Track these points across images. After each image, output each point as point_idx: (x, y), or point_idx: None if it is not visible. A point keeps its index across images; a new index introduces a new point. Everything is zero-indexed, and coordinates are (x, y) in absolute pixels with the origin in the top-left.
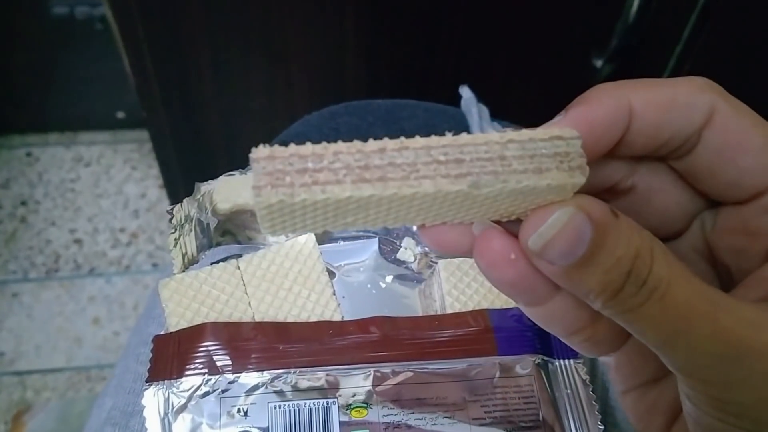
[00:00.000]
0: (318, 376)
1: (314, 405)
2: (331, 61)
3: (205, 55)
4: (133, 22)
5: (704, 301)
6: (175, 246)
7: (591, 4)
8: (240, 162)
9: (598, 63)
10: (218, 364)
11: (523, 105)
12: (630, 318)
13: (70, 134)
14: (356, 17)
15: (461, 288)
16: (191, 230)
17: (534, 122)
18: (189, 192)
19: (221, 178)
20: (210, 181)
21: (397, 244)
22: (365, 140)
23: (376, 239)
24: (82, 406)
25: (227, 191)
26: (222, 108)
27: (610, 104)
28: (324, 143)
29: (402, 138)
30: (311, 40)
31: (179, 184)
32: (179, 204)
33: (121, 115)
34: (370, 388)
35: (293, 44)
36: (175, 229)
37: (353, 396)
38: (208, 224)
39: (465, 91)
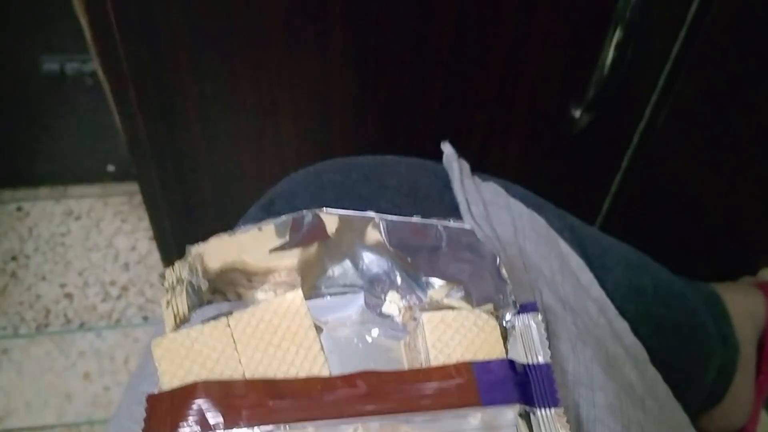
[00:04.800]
0: (307, 431)
1: None
2: (318, 114)
3: (195, 110)
4: (123, 81)
5: None
6: (167, 307)
7: (568, 55)
8: (229, 214)
9: (576, 113)
10: (210, 421)
11: (505, 154)
12: None
13: (60, 188)
14: (342, 73)
15: (445, 340)
16: (182, 291)
17: (515, 173)
18: (180, 246)
19: (211, 240)
20: (200, 243)
21: (382, 298)
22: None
23: (362, 294)
24: None
25: (217, 251)
26: (212, 162)
27: None
28: None
29: None
30: (298, 94)
31: (170, 237)
32: (170, 267)
33: (111, 168)
34: None
35: (281, 98)
36: (167, 291)
37: None
38: (198, 286)
39: (446, 147)
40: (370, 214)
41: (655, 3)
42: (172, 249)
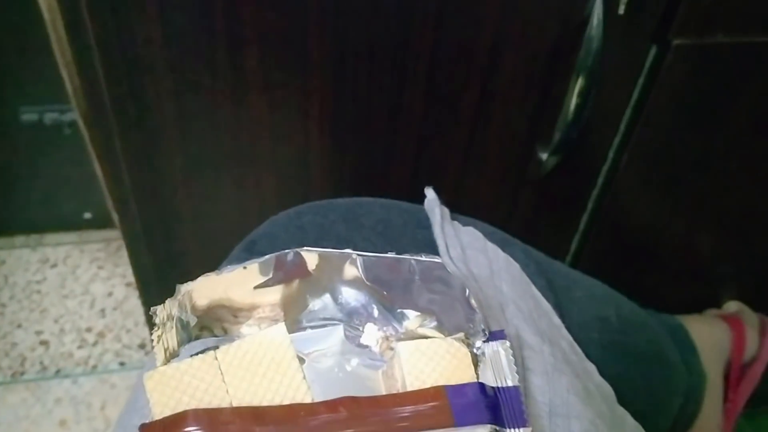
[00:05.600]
0: None
1: None
2: (297, 164)
3: (178, 158)
4: (109, 133)
5: None
6: (158, 342)
7: (534, 102)
8: (211, 257)
9: (543, 156)
10: None
11: (477, 196)
12: None
13: (36, 236)
14: (320, 125)
15: (420, 367)
16: (172, 327)
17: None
18: (161, 288)
19: (199, 278)
20: (189, 282)
21: (360, 329)
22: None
23: (341, 326)
24: None
25: (205, 289)
26: (194, 208)
27: None
28: None
29: None
30: (278, 146)
31: (151, 280)
32: (162, 305)
33: (88, 215)
34: None
35: (262, 150)
36: (158, 327)
37: None
38: (188, 322)
39: (429, 193)
40: (348, 251)
41: (614, 52)
42: (152, 294)
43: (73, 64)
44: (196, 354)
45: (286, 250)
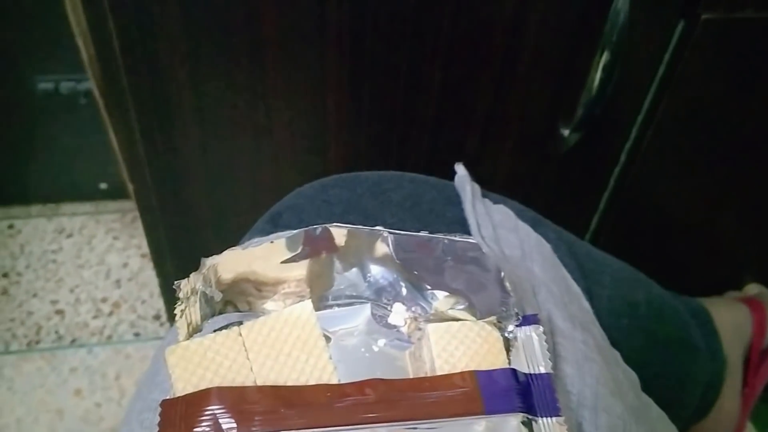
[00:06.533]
0: None
1: None
2: (314, 135)
3: (193, 128)
4: (123, 99)
5: None
6: (181, 316)
7: (557, 77)
8: (225, 230)
9: (565, 132)
10: (224, 427)
11: (496, 172)
12: None
13: (52, 206)
14: (337, 94)
15: (450, 350)
16: (196, 302)
17: (505, 191)
18: (176, 260)
19: (225, 252)
20: (215, 256)
21: (388, 309)
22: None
23: (368, 305)
24: None
25: (230, 263)
26: (208, 178)
27: None
28: None
29: None
30: (295, 116)
31: (165, 253)
32: (186, 279)
33: (103, 185)
34: None
35: (278, 119)
36: (182, 302)
37: None
38: (212, 297)
39: (460, 169)
40: (379, 228)
41: (640, 27)
42: (167, 265)
43: (88, 32)
44: (219, 329)
45: (315, 226)
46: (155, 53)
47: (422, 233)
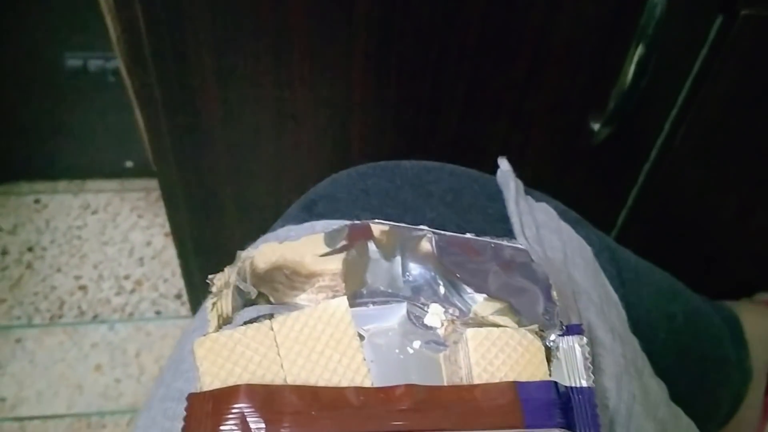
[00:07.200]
0: None
1: None
2: (338, 118)
3: (216, 109)
4: (148, 79)
5: None
6: (212, 309)
7: (589, 69)
8: (247, 213)
9: (595, 126)
10: (252, 426)
11: (522, 166)
12: None
13: (78, 182)
14: (363, 79)
15: (489, 358)
16: (229, 294)
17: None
18: (196, 241)
19: (261, 245)
20: (250, 249)
21: (425, 309)
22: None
23: (405, 304)
24: None
25: (266, 256)
26: (231, 160)
27: None
28: None
29: None
30: (320, 98)
31: (187, 234)
32: (221, 272)
33: (129, 164)
34: None
35: (302, 101)
36: (214, 295)
37: None
38: (248, 292)
39: (503, 163)
40: (423, 228)
41: (677, 21)
42: (188, 245)
43: (114, 11)
44: (250, 321)
45: (358, 221)
46: (181, 37)
47: (468, 235)
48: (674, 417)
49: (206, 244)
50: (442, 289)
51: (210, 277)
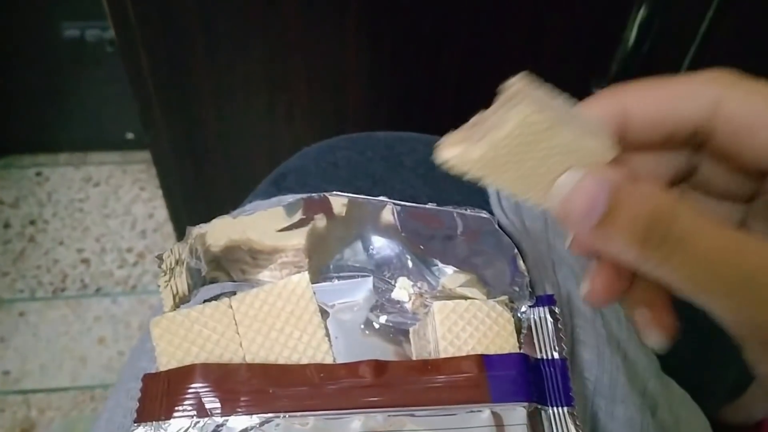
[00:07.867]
0: (307, 421)
1: None
2: (331, 91)
3: (207, 82)
4: (135, 49)
5: (733, 245)
6: (165, 287)
7: (591, 31)
8: (240, 184)
9: (597, 90)
10: (207, 406)
11: None
12: (663, 272)
13: (79, 154)
14: (357, 51)
15: (456, 332)
16: (182, 272)
17: None
18: (191, 215)
19: (214, 221)
20: (202, 225)
21: (392, 283)
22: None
23: (371, 278)
24: (85, 426)
25: (221, 232)
26: (223, 134)
27: (605, 107)
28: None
29: None
30: (313, 70)
31: (181, 205)
32: (169, 250)
33: (130, 135)
34: None
35: (294, 74)
36: (165, 273)
37: None
38: (198, 269)
39: None
40: (383, 199)
41: None
42: (182, 217)
43: None
44: (211, 299)
45: (315, 194)
46: (169, 4)
47: (430, 205)
48: (666, 388)
49: (201, 217)
50: (410, 263)
51: (158, 254)
